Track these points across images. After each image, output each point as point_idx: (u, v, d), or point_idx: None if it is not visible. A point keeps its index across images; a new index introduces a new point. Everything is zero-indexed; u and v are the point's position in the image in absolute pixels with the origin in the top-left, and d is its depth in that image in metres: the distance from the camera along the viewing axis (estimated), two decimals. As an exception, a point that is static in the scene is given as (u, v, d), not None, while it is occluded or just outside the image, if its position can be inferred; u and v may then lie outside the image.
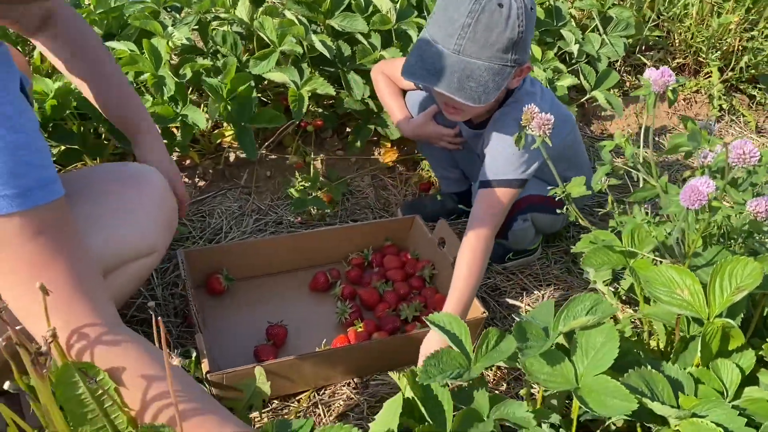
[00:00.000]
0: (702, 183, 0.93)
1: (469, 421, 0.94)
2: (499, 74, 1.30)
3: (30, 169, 0.76)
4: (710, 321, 1.00)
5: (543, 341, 0.98)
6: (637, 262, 1.15)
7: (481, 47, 1.28)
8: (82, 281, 0.82)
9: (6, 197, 0.74)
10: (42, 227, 0.78)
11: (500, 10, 1.26)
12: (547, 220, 1.61)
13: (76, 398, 0.77)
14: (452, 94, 1.30)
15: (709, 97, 2.34)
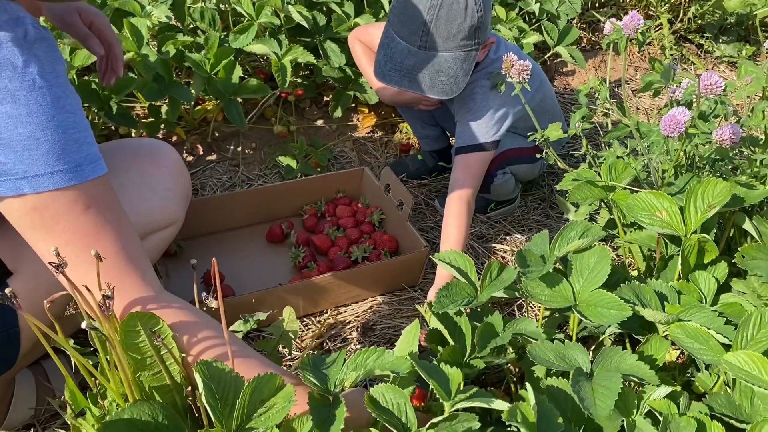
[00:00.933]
0: (679, 112, 1.03)
1: (487, 337, 1.04)
2: (465, 60, 1.37)
3: (80, 146, 0.81)
4: (688, 237, 1.11)
5: (542, 266, 1.08)
6: (618, 194, 1.26)
7: (446, 40, 1.34)
8: (129, 250, 0.88)
9: (60, 172, 0.79)
10: (91, 201, 0.83)
11: (458, 1, 1.31)
12: (525, 169, 1.70)
13: (136, 346, 0.83)
14: (427, 93, 1.38)
15: (662, 48, 2.47)
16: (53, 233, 0.83)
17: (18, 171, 0.78)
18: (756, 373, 0.91)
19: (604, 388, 0.90)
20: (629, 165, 1.22)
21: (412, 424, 0.85)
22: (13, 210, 0.82)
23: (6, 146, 0.77)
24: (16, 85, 0.77)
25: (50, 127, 0.79)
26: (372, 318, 1.41)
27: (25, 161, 0.78)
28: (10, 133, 0.77)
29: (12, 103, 0.76)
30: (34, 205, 0.81)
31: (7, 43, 0.76)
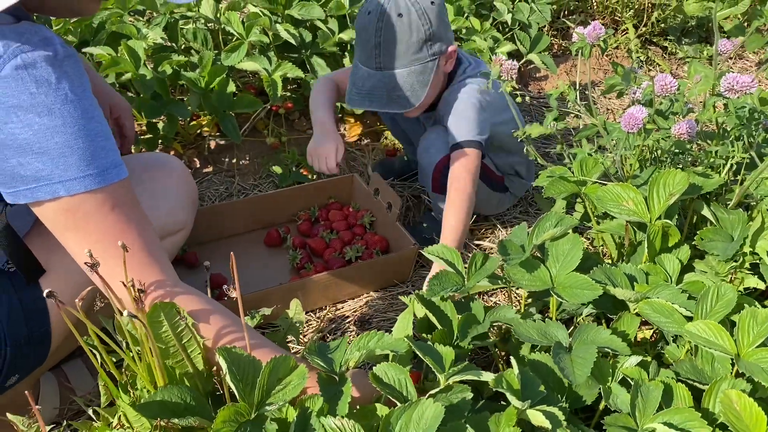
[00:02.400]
0: (637, 110, 1.16)
1: (469, 324, 1.15)
2: (422, 73, 1.44)
3: (106, 153, 0.91)
4: (652, 223, 1.23)
5: (521, 254, 1.19)
6: (589, 187, 1.38)
7: (397, 58, 1.43)
8: (150, 246, 0.98)
9: (90, 176, 0.89)
10: (116, 201, 0.93)
11: (401, 20, 1.39)
12: (482, 191, 1.70)
13: (160, 335, 0.92)
14: (384, 108, 1.46)
15: (628, 51, 2.61)
16: (84, 232, 0.92)
17: (54, 176, 0.88)
18: (713, 339, 1.03)
19: (582, 358, 1.01)
20: (598, 161, 1.34)
21: (413, 396, 0.95)
22: (48, 212, 0.91)
23: (44, 154, 0.87)
24: (51, 99, 0.86)
25: (81, 135, 0.89)
26: (368, 312, 1.51)
27: (60, 167, 0.88)
28: (47, 143, 0.87)
29: (48, 115, 0.86)
30: (68, 207, 0.90)
31: (42, 63, 0.86)
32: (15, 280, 1.09)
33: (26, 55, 0.85)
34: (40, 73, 0.86)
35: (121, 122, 1.38)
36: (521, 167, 1.77)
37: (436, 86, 1.54)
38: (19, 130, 0.86)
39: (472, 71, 1.61)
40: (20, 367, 1.11)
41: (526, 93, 2.44)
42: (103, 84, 1.37)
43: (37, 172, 0.88)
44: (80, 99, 0.89)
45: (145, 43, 1.79)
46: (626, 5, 2.62)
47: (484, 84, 1.58)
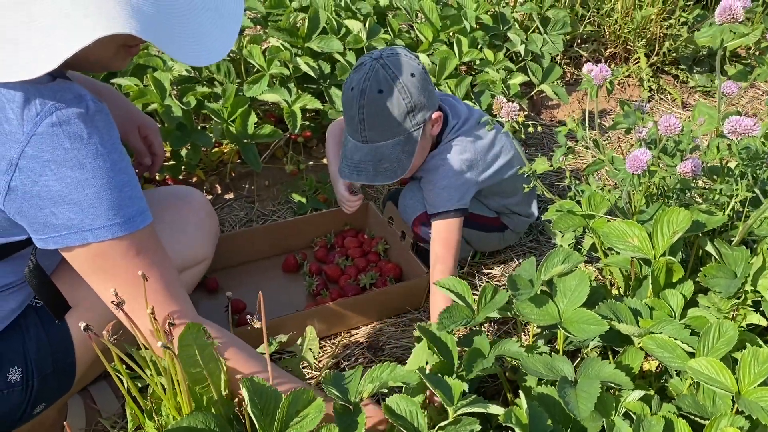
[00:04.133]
0: (641, 153, 1.20)
1: (474, 358, 1.19)
2: (407, 143, 1.46)
3: (132, 201, 0.98)
4: (656, 260, 1.27)
5: (530, 289, 1.24)
6: (596, 222, 1.43)
7: (382, 132, 1.44)
8: (171, 285, 1.04)
9: (117, 224, 0.96)
10: (141, 246, 1.00)
11: (381, 96, 1.42)
12: (476, 235, 1.76)
13: (188, 358, 0.98)
14: (372, 181, 1.49)
15: (640, 80, 2.66)
16: (110, 275, 0.99)
17: (84, 225, 0.95)
18: (715, 376, 1.07)
19: (586, 393, 1.05)
20: (605, 198, 1.39)
21: (423, 428, 1.00)
22: (78, 257, 0.98)
23: (75, 205, 0.94)
24: (83, 154, 0.93)
25: (110, 187, 0.95)
26: (381, 339, 1.56)
27: (90, 216, 0.95)
28: (78, 195, 0.93)
29: (80, 169, 0.93)
30: (96, 252, 0.97)
31: (75, 119, 0.92)
32: (42, 314, 1.15)
33: (60, 112, 0.91)
34: (73, 129, 0.91)
35: (149, 141, 1.43)
36: (518, 207, 1.78)
37: (424, 151, 1.55)
38: (53, 183, 0.92)
39: (459, 130, 1.60)
40: (46, 397, 1.17)
41: (539, 121, 2.49)
42: (131, 106, 1.42)
43: (68, 221, 0.94)
44: (110, 152, 0.95)
45: (171, 75, 1.86)
46: (638, 35, 2.67)
47: (470, 142, 1.58)
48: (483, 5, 2.36)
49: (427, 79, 1.50)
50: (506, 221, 1.80)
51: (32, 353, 1.12)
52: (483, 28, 2.36)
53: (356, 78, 1.45)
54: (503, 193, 1.74)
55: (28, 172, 0.91)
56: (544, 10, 2.47)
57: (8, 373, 1.10)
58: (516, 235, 1.85)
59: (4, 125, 0.90)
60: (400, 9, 2.33)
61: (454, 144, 1.57)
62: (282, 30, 1.98)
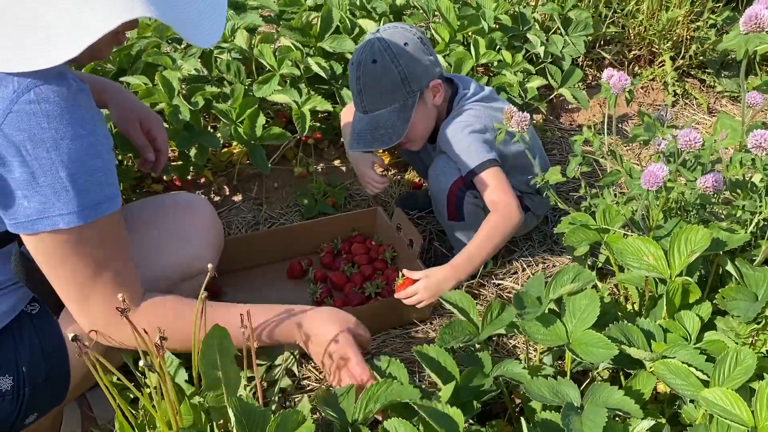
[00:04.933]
0: (657, 168, 1.14)
1: (473, 377, 1.15)
2: (402, 110, 1.54)
3: (102, 188, 0.96)
4: (672, 280, 1.21)
5: (537, 308, 1.19)
6: (610, 237, 1.37)
7: (377, 99, 1.53)
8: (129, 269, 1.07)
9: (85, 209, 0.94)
10: (105, 233, 0.99)
11: (375, 66, 1.51)
12: None
13: (211, 361, 0.97)
14: (369, 147, 1.57)
15: (664, 84, 2.57)
16: (79, 259, 0.98)
17: (55, 210, 0.92)
18: (730, 408, 1.01)
19: (591, 421, 1.00)
20: (620, 212, 1.33)
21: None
22: (47, 244, 0.96)
23: (47, 188, 0.91)
24: (60, 134, 0.90)
25: (82, 171, 0.93)
26: (386, 351, 1.52)
27: (62, 201, 0.92)
28: (51, 178, 0.91)
29: (55, 150, 0.90)
30: (67, 238, 0.95)
31: (54, 97, 0.89)
32: (36, 321, 1.12)
33: (39, 89, 0.88)
34: (51, 108, 0.89)
35: (152, 135, 1.40)
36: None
37: (427, 119, 1.62)
38: (27, 163, 0.89)
39: (470, 99, 1.65)
40: (38, 407, 1.14)
41: (557, 125, 2.42)
42: (132, 99, 1.39)
43: (39, 205, 0.92)
44: (88, 134, 0.92)
45: (180, 74, 1.83)
46: (664, 37, 2.58)
47: (481, 108, 1.63)
48: (502, 5, 2.30)
49: (424, 49, 1.56)
50: (528, 203, 1.76)
51: (24, 362, 1.09)
52: (502, 28, 2.30)
53: (356, 53, 1.56)
54: (524, 167, 1.71)
55: (3, 150, 0.88)
56: (565, 11, 2.40)
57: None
58: (536, 218, 1.83)
59: None
60: (416, 8, 2.28)
61: (466, 109, 1.62)
62: (294, 29, 1.94)
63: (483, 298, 1.70)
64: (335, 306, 1.57)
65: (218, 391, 1.00)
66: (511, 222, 1.56)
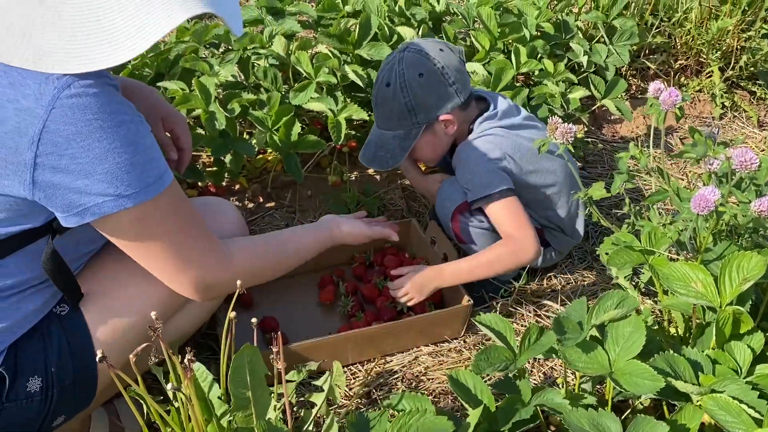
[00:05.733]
0: (709, 192, 1.08)
1: (513, 407, 1.10)
2: (405, 138, 1.53)
3: (157, 162, 1.00)
4: (722, 309, 1.15)
5: (578, 334, 1.14)
6: (656, 259, 1.30)
7: (385, 120, 1.53)
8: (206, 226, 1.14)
9: (152, 185, 0.99)
10: (175, 199, 1.05)
11: (387, 89, 1.50)
12: None
13: (241, 380, 0.95)
14: (369, 164, 1.58)
15: (712, 96, 2.48)
16: (155, 234, 1.03)
17: (120, 192, 0.95)
18: (785, 451, 0.95)
19: (634, 458, 0.95)
20: (666, 234, 1.27)
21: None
22: (118, 225, 1.00)
23: (107, 174, 0.94)
24: (108, 123, 0.93)
25: (139, 151, 0.96)
26: (416, 369, 1.48)
27: (125, 183, 0.95)
28: (109, 164, 0.94)
29: (107, 139, 0.93)
30: (137, 216, 0.99)
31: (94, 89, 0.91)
32: (66, 323, 1.12)
33: (78, 83, 0.90)
34: (92, 99, 0.91)
35: (176, 134, 1.38)
36: (562, 223, 1.68)
37: (437, 146, 1.60)
38: (80, 155, 0.91)
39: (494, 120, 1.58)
40: (66, 410, 1.14)
41: (600, 137, 2.35)
42: (154, 96, 1.38)
43: (103, 191, 0.94)
44: (132, 118, 0.96)
45: (217, 80, 1.82)
46: (713, 47, 2.49)
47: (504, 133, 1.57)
48: (545, 13, 2.24)
49: (442, 81, 1.50)
50: (549, 238, 1.69)
51: (53, 363, 1.09)
52: (544, 36, 2.24)
53: (383, 63, 1.55)
54: (544, 202, 1.65)
55: (52, 146, 0.90)
56: (610, 19, 2.33)
57: (28, 383, 1.07)
58: (558, 255, 1.75)
59: (22, 101, 0.89)
60: (456, 15, 2.23)
61: (488, 133, 1.56)
62: (332, 36, 1.91)
63: (519, 316, 1.65)
64: (367, 321, 1.54)
65: (247, 411, 0.98)
66: (519, 258, 1.52)
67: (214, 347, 1.50)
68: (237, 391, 0.96)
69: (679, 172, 2.18)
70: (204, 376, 1.06)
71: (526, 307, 1.67)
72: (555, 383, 1.47)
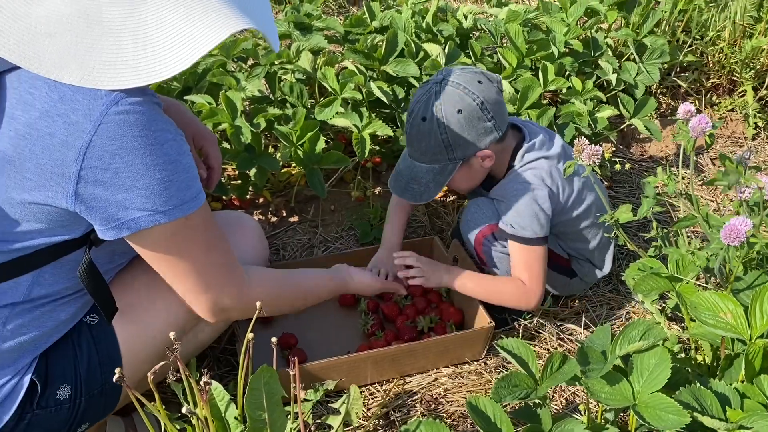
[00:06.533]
0: (740, 222, 1.05)
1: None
2: (440, 173, 1.47)
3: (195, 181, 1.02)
4: (752, 341, 1.11)
5: (602, 364, 1.11)
6: (683, 287, 1.27)
7: (420, 154, 1.47)
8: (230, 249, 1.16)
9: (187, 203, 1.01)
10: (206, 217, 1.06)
11: (423, 124, 1.43)
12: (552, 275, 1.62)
13: (257, 402, 0.95)
14: (401, 195, 1.53)
15: (745, 116, 2.43)
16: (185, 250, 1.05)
17: (157, 207, 0.97)
18: (816, 494, 0.91)
19: (657, 496, 0.92)
20: (695, 262, 1.24)
21: None
22: (151, 240, 1.02)
23: (146, 190, 0.96)
24: (152, 140, 0.95)
25: (179, 170, 0.98)
26: (436, 391, 1.46)
27: (162, 199, 0.97)
28: (149, 180, 0.96)
29: (150, 155, 0.95)
30: (172, 232, 1.01)
31: (140, 107, 0.94)
32: (95, 332, 1.14)
33: (126, 100, 0.92)
34: (139, 117, 0.93)
35: (205, 152, 1.41)
36: (591, 255, 1.66)
37: (473, 179, 1.56)
38: (123, 170, 0.94)
39: (533, 151, 1.53)
40: (91, 417, 1.16)
41: (628, 156, 2.32)
42: (186, 113, 1.40)
43: (141, 205, 0.96)
44: (174, 137, 0.98)
45: (244, 94, 1.83)
46: (746, 65, 2.44)
47: (547, 165, 1.52)
48: (574, 29, 2.22)
49: (483, 116, 1.44)
50: (576, 267, 1.67)
51: (83, 371, 1.12)
52: (572, 53, 2.22)
53: (417, 94, 1.48)
54: (573, 236, 1.63)
55: (97, 160, 0.92)
56: (640, 37, 2.30)
57: (58, 390, 1.10)
58: (584, 284, 1.72)
59: (72, 115, 0.91)
60: (484, 31, 2.22)
61: (532, 167, 1.52)
62: (358, 52, 1.91)
63: (542, 339, 1.62)
64: (386, 340, 1.54)
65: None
66: (520, 303, 1.53)
67: (233, 362, 1.51)
68: (253, 412, 0.96)
69: (709, 194, 2.14)
70: (221, 395, 1.06)
71: (548, 330, 1.64)
72: (577, 410, 1.45)
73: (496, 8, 2.41)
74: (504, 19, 2.24)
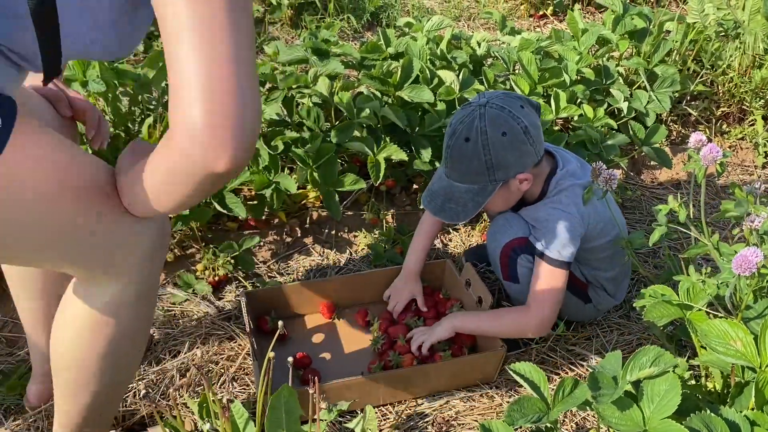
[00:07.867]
0: (751, 253, 1.07)
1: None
2: (480, 194, 1.48)
3: None
4: (762, 369, 1.13)
5: (613, 389, 1.13)
6: (693, 314, 1.29)
7: (460, 174, 1.48)
8: None
9: None
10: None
11: (466, 144, 1.44)
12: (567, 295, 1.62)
13: (277, 421, 0.97)
14: (436, 215, 1.52)
15: (755, 144, 2.45)
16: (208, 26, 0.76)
17: None
18: None
19: None
20: (705, 290, 1.26)
21: None
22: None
23: None
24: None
25: None
26: (447, 414, 1.48)
27: None
28: None
29: None
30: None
31: None
32: None
33: None
34: None
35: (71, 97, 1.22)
36: (608, 283, 1.68)
37: (508, 200, 1.57)
38: None
39: (567, 183, 1.55)
40: None
41: (639, 182, 2.34)
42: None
43: None
44: None
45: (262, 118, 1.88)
46: (756, 95, 2.47)
47: (580, 190, 1.53)
48: (586, 58, 2.26)
49: (525, 140, 1.46)
50: (592, 294, 1.68)
51: None
52: (584, 81, 2.25)
53: (458, 116, 1.49)
54: (593, 263, 1.65)
55: None
56: (651, 66, 2.34)
57: None
58: (597, 312, 1.73)
59: None
60: (497, 58, 2.26)
61: (566, 189, 1.54)
62: (374, 78, 1.96)
63: (552, 363, 1.64)
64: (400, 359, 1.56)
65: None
66: (524, 330, 1.53)
67: (248, 380, 1.53)
68: (274, 431, 0.98)
69: (722, 222, 2.15)
70: (240, 413, 1.08)
71: (558, 354, 1.65)
72: (588, 435, 1.46)
73: (509, 36, 2.45)
74: (517, 47, 2.28)
